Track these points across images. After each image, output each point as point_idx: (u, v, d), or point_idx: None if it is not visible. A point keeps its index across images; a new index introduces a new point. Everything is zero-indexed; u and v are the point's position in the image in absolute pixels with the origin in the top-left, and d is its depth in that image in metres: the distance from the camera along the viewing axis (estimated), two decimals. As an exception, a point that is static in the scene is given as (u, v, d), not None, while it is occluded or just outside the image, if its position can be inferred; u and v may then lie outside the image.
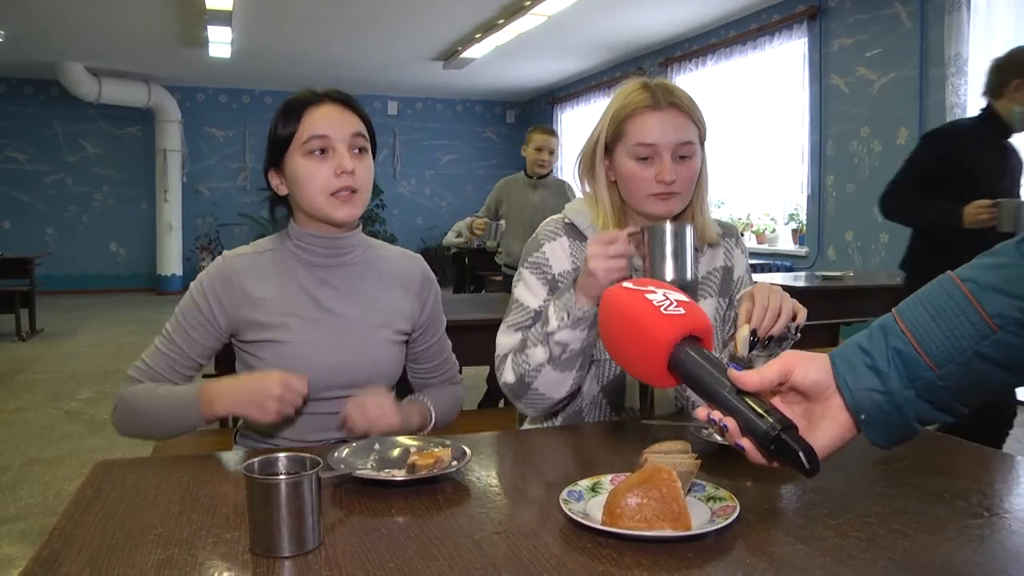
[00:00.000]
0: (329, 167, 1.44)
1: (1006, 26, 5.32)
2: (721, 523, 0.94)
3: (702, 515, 0.99)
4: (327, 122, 1.45)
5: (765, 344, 1.33)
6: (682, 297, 0.93)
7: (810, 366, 0.86)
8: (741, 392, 0.85)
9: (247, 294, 1.47)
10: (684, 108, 1.47)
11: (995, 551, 0.91)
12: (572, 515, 0.96)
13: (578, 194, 1.62)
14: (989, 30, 5.38)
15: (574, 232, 1.56)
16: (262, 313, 1.46)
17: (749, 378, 0.84)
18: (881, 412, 0.82)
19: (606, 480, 1.10)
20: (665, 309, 0.91)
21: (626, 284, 0.97)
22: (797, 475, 1.17)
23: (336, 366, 1.47)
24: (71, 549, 0.90)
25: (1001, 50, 5.24)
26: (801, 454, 0.81)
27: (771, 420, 0.82)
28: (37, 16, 7.91)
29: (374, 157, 1.53)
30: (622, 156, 1.49)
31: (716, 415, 0.86)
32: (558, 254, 1.54)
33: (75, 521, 0.98)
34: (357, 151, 1.47)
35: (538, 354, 1.42)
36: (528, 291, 1.54)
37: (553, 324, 1.39)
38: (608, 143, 1.51)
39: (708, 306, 1.58)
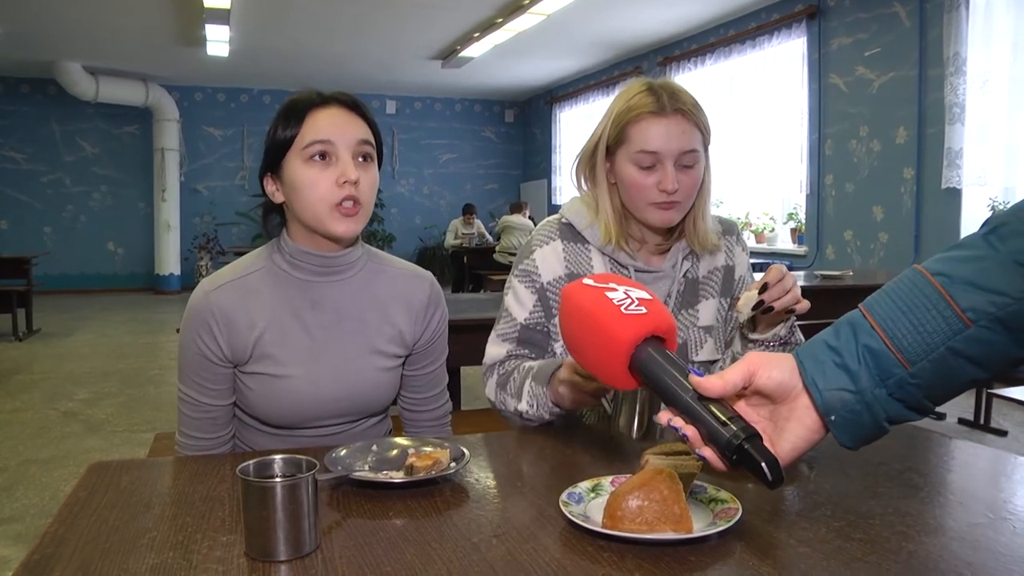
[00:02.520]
0: (331, 175, 1.33)
1: (1005, 25, 5.31)
2: (723, 526, 0.93)
3: (704, 517, 0.98)
4: (331, 126, 1.34)
5: (765, 311, 1.33)
6: (644, 295, 0.90)
7: (774, 368, 0.83)
8: (703, 397, 0.82)
9: (234, 327, 1.37)
10: (690, 114, 1.42)
11: (1001, 554, 0.90)
12: (572, 517, 0.95)
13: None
14: (988, 30, 5.37)
15: (571, 234, 1.52)
16: (250, 344, 1.37)
17: (711, 384, 0.81)
18: (851, 412, 0.80)
19: (606, 482, 1.08)
20: (626, 308, 0.88)
21: (586, 280, 0.94)
22: (798, 476, 1.17)
23: (327, 398, 1.41)
24: (63, 553, 0.89)
25: (1000, 50, 5.27)
26: (764, 465, 0.78)
27: (734, 428, 0.79)
28: (34, 14, 7.89)
29: (380, 166, 1.43)
30: (623, 161, 1.45)
31: (677, 422, 0.83)
32: (549, 260, 1.50)
33: (67, 524, 0.97)
34: (362, 159, 1.37)
35: (512, 406, 1.45)
36: (516, 302, 1.52)
37: (523, 405, 1.41)
38: (610, 145, 1.47)
39: (710, 307, 1.56)
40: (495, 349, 1.53)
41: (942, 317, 0.77)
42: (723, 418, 0.80)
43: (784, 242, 7.73)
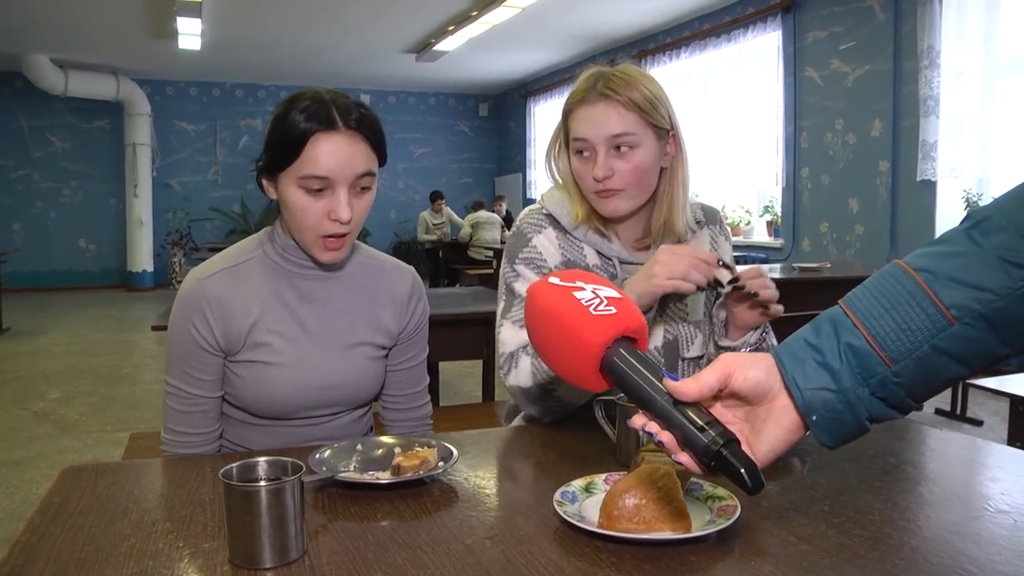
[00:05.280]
0: (323, 208, 1.29)
1: (977, 19, 5.35)
2: (723, 524, 0.90)
3: (702, 515, 0.95)
4: (332, 160, 1.27)
5: (736, 289, 1.29)
6: (613, 293, 0.86)
7: (750, 368, 0.80)
8: (678, 401, 0.78)
9: (229, 314, 1.34)
10: (618, 97, 1.37)
11: (1004, 548, 0.88)
12: (567, 517, 0.92)
13: None
14: (961, 23, 5.41)
15: (555, 224, 1.50)
16: (245, 331, 1.35)
17: (687, 387, 0.77)
18: (833, 412, 0.78)
19: (599, 480, 1.06)
20: (595, 309, 0.83)
21: (552, 279, 0.89)
22: (794, 471, 1.15)
23: (317, 387, 1.39)
24: (35, 564, 0.84)
25: (973, 43, 5.31)
26: (743, 471, 0.75)
27: (712, 434, 0.76)
28: None
29: (382, 164, 1.38)
30: (572, 151, 1.45)
31: (652, 427, 0.79)
32: (548, 247, 1.48)
33: (40, 533, 0.93)
34: (359, 189, 1.32)
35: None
36: (527, 285, 1.46)
37: None
38: (565, 138, 1.48)
39: (698, 300, 1.53)
40: (514, 334, 1.45)
41: (926, 315, 0.75)
42: (700, 423, 0.77)
43: (760, 235, 7.75)
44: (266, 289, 1.39)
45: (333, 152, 1.27)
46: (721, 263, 1.29)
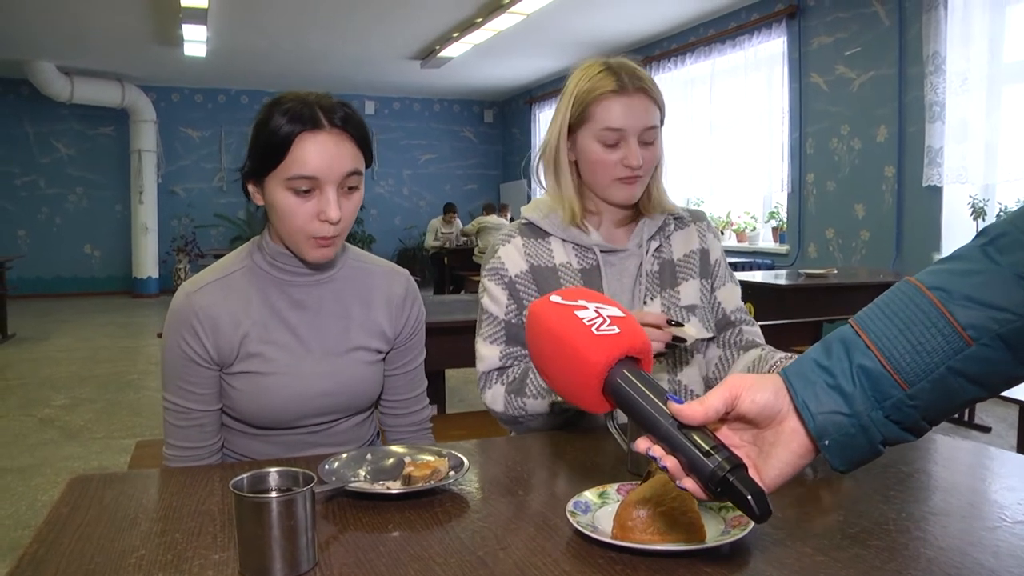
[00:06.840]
0: (312, 208, 1.28)
1: (982, 24, 5.34)
2: (738, 535, 0.89)
3: (716, 526, 0.94)
4: (319, 160, 1.26)
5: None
6: (617, 312, 0.84)
7: (757, 391, 0.77)
8: (683, 424, 0.76)
9: (219, 327, 1.34)
10: (650, 92, 1.48)
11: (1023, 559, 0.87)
12: (581, 528, 0.92)
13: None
14: (966, 29, 5.40)
15: (530, 231, 1.57)
16: (237, 343, 1.35)
17: (692, 410, 0.75)
18: (846, 436, 0.75)
19: (612, 490, 1.05)
20: (597, 328, 0.81)
21: (554, 298, 0.87)
22: (806, 481, 1.14)
23: (315, 394, 1.38)
24: (43, 575, 0.84)
25: (978, 49, 5.30)
26: (750, 498, 0.73)
27: (718, 459, 0.74)
28: (5, 12, 7.75)
29: (368, 166, 1.37)
30: (587, 139, 1.49)
31: (657, 452, 0.77)
32: (513, 256, 1.54)
33: (48, 543, 0.92)
34: (347, 188, 1.32)
35: (538, 406, 1.44)
36: (492, 301, 1.54)
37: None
38: (572, 124, 1.51)
39: (691, 287, 1.56)
40: (487, 351, 1.52)
41: (941, 335, 0.72)
42: (705, 447, 0.74)
43: (766, 241, 7.73)
44: (256, 299, 1.38)
45: (319, 151, 1.27)
46: (672, 322, 1.34)
